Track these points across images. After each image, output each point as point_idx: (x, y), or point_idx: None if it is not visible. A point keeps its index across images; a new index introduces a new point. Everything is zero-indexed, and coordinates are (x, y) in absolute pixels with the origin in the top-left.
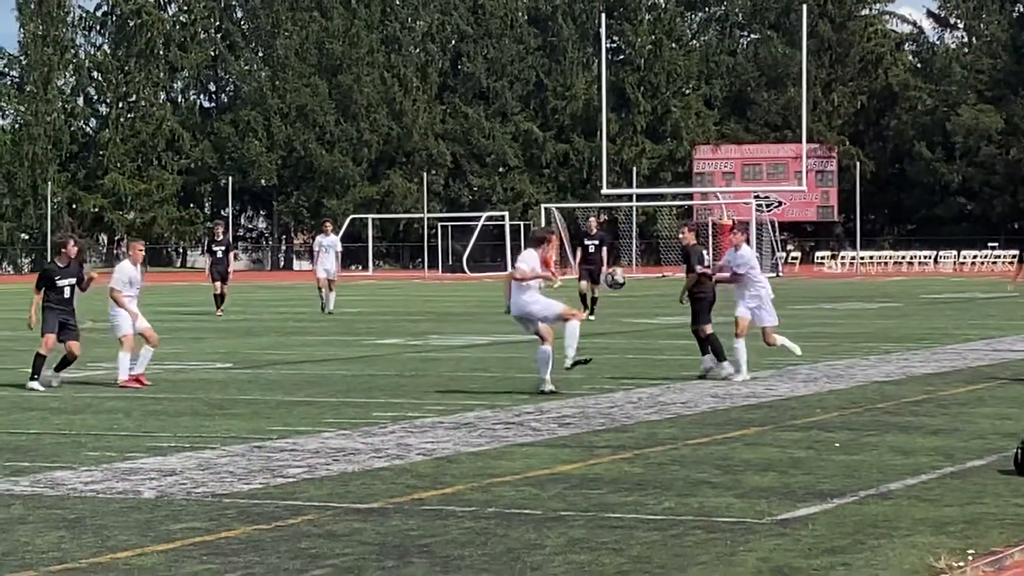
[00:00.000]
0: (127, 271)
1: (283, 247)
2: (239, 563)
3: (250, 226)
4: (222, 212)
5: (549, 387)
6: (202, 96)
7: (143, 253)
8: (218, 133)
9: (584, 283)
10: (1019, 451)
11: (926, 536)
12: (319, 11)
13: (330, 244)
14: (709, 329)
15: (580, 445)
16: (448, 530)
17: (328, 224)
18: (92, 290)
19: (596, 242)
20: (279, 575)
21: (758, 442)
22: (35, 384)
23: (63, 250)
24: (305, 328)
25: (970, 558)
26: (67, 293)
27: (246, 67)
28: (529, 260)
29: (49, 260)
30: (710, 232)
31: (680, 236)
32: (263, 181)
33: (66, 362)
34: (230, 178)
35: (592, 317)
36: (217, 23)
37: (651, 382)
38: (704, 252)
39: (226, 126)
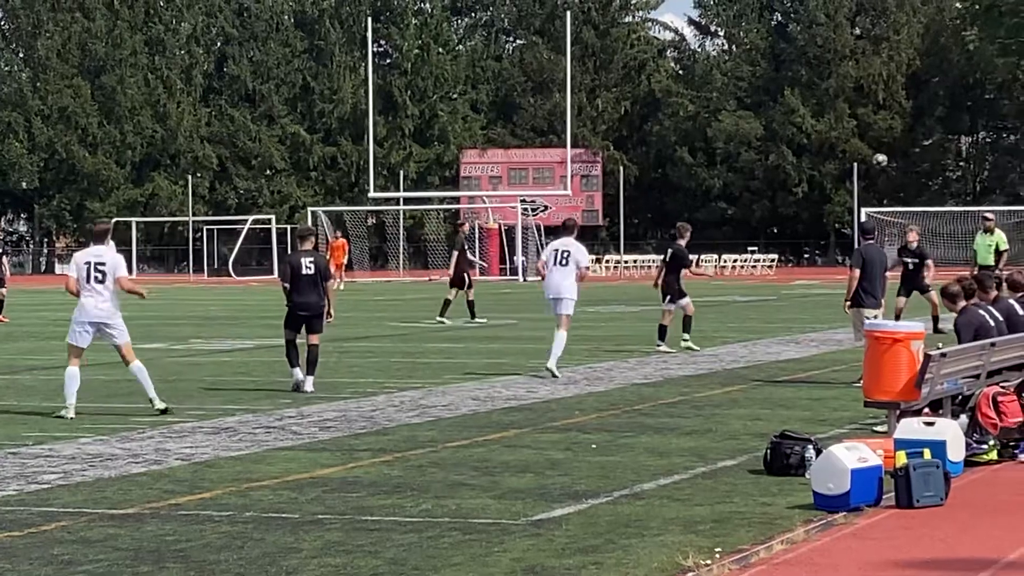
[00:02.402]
0: None
1: (44, 251)
2: None
3: (10, 230)
4: None
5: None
6: None
7: None
8: None
9: (472, 290)
10: (768, 451)
11: (676, 535)
12: (81, 11)
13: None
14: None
15: (340, 448)
16: (204, 535)
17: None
18: None
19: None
20: None
21: (517, 444)
22: None
23: None
24: (65, 333)
25: (717, 556)
26: None
27: (6, 68)
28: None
29: None
30: (477, 235)
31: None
32: (24, 184)
33: None
34: None
35: (466, 320)
36: None
37: (414, 385)
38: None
39: None
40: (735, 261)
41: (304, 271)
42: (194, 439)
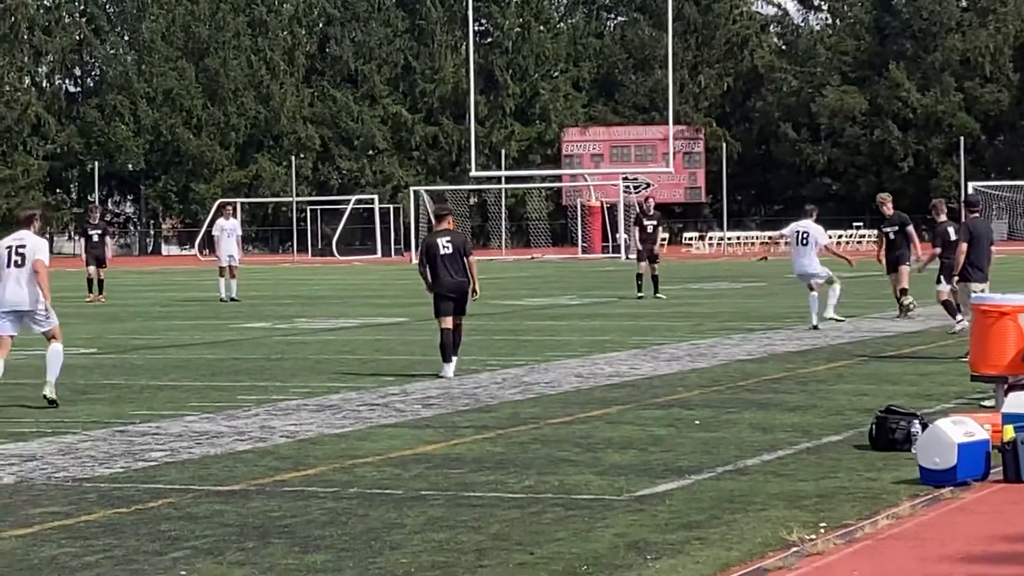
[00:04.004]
0: None
1: (151, 232)
2: (98, 546)
3: (117, 211)
4: (89, 197)
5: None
6: (68, 80)
7: None
8: (84, 118)
9: (644, 264)
10: (874, 426)
11: (780, 510)
12: None
13: (232, 228)
14: None
15: (444, 426)
16: (309, 511)
17: (229, 208)
18: None
19: (654, 222)
20: (138, 558)
21: (619, 420)
22: None
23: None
24: (172, 313)
25: (822, 531)
26: None
27: (112, 51)
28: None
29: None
30: (579, 213)
31: None
32: (130, 166)
33: None
34: (97, 163)
35: (661, 296)
36: (82, 7)
37: (516, 363)
38: None
39: (92, 110)
40: (840, 237)
41: (442, 251)
42: (299, 416)
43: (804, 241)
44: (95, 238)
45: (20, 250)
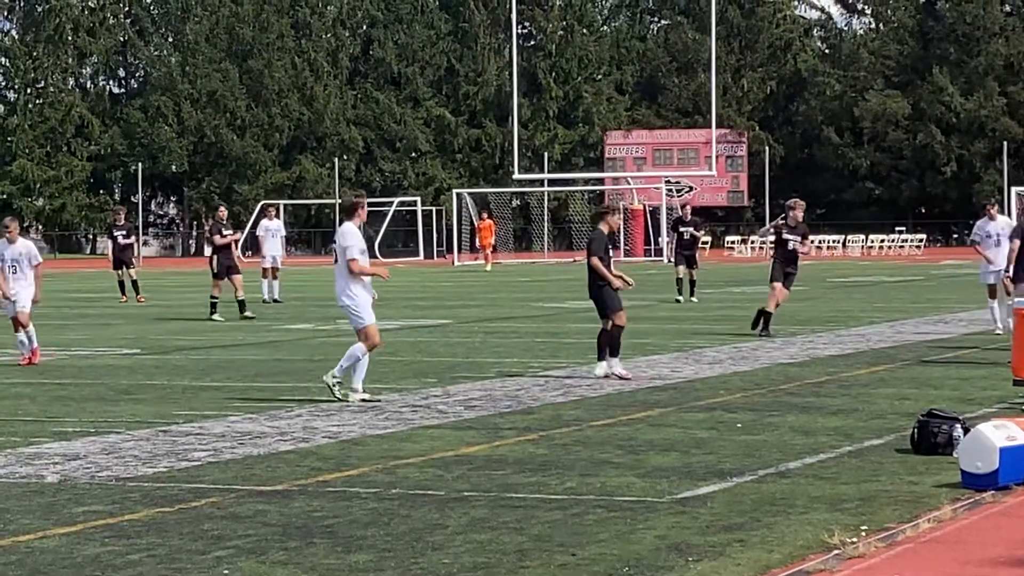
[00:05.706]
0: None
1: (194, 233)
2: (141, 545)
3: (161, 212)
4: (132, 198)
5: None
6: (111, 82)
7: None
8: (128, 119)
9: (681, 268)
10: (916, 430)
11: (821, 513)
12: None
13: (276, 229)
14: None
15: (486, 427)
16: (351, 511)
17: (272, 209)
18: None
19: (691, 228)
20: (181, 556)
21: (662, 423)
22: None
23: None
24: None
25: (863, 534)
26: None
27: (156, 52)
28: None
29: None
30: (622, 217)
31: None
32: (174, 167)
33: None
34: (140, 164)
35: (694, 299)
36: (126, 8)
37: (558, 365)
38: None
39: (136, 112)
40: (883, 241)
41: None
42: (341, 417)
43: (998, 242)
44: (120, 240)
45: (332, 245)
